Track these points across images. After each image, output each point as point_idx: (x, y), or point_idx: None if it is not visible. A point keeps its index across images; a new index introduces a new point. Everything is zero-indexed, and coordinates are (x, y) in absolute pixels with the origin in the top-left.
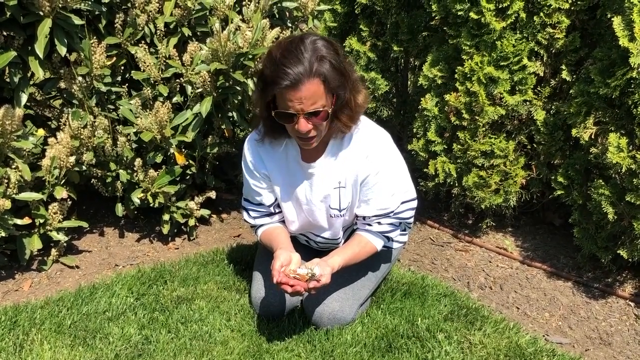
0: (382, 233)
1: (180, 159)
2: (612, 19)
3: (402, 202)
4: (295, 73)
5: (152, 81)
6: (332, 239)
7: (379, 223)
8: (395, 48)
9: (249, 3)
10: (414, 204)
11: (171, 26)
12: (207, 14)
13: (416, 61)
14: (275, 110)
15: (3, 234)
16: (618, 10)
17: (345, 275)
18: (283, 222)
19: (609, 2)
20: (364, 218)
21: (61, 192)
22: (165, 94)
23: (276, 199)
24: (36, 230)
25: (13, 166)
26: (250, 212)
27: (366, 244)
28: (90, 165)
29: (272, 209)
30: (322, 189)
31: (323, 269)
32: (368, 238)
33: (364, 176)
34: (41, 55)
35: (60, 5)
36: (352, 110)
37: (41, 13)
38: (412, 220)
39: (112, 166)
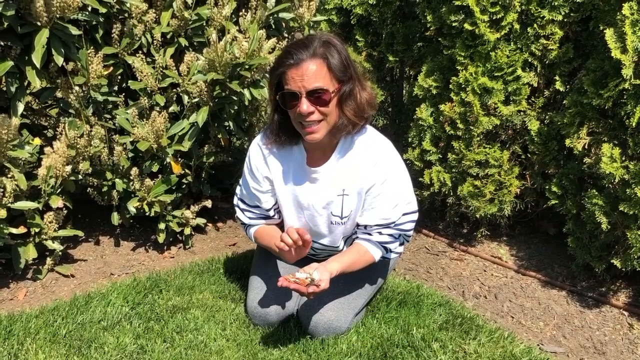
0: (381, 243)
1: (177, 168)
2: (605, 31)
3: (404, 214)
4: (299, 53)
5: (149, 91)
6: (331, 246)
7: (380, 233)
8: (390, 58)
9: (245, 14)
10: (415, 216)
11: (168, 36)
12: (204, 24)
13: (411, 71)
14: (280, 92)
15: None
16: (610, 23)
17: (341, 285)
18: (278, 225)
19: (601, 15)
20: (365, 227)
21: (57, 201)
22: (162, 104)
23: (275, 203)
24: (31, 239)
25: (9, 175)
26: (246, 213)
27: (365, 253)
28: (86, 174)
29: (270, 212)
30: (326, 195)
31: (322, 273)
32: (367, 247)
33: (370, 184)
34: (38, 65)
35: (57, 16)
36: (357, 104)
37: (38, 23)
38: (411, 232)
39: (108, 175)
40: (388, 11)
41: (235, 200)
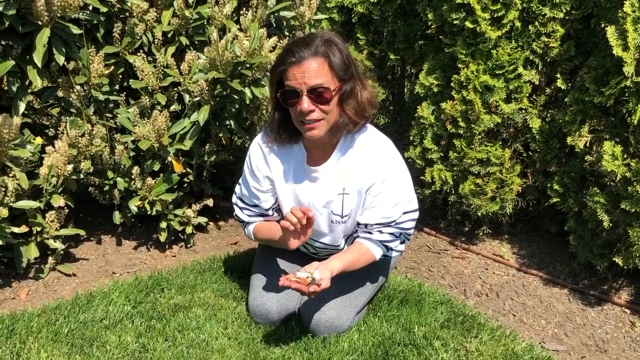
0: (382, 242)
1: (178, 167)
2: (606, 29)
3: (405, 213)
4: (301, 51)
5: (150, 90)
6: (332, 245)
7: (380, 232)
8: (391, 56)
9: (246, 12)
10: (416, 215)
11: (169, 35)
12: (205, 23)
13: (412, 69)
14: (281, 90)
15: (0, 242)
16: (612, 20)
17: (342, 283)
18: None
19: (602, 12)
20: (365, 226)
21: (58, 201)
22: (163, 103)
23: (276, 201)
24: (33, 239)
25: (10, 174)
26: (245, 212)
27: (365, 252)
28: (88, 173)
29: (269, 211)
30: (326, 194)
31: (323, 272)
32: (368, 246)
33: (370, 183)
34: (39, 64)
35: (58, 15)
36: (358, 103)
37: (39, 22)
38: (412, 231)
39: (110, 174)
40: (389, 9)
41: (234, 199)
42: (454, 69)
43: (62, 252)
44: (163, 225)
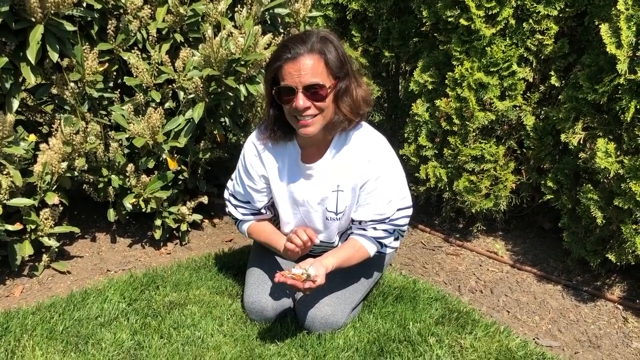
0: (376, 239)
1: (173, 165)
2: (600, 26)
3: (399, 209)
4: (297, 48)
5: (144, 87)
6: (326, 242)
7: (374, 228)
8: (386, 53)
9: (241, 9)
10: (410, 211)
11: (163, 32)
12: (199, 20)
13: (407, 66)
14: (276, 87)
15: None
16: (605, 18)
17: (338, 280)
18: (270, 220)
19: (596, 10)
20: (359, 222)
21: (53, 198)
22: (158, 100)
23: (269, 201)
24: (27, 236)
25: (4, 172)
26: (239, 209)
27: (360, 249)
28: (82, 170)
29: (262, 210)
30: (321, 191)
31: (318, 269)
32: (362, 242)
33: (364, 180)
34: (33, 61)
35: (52, 12)
36: (353, 101)
37: (33, 19)
38: (406, 228)
39: (104, 172)
40: (384, 6)
41: (227, 195)
42: (449, 66)
43: (56, 249)
44: (158, 222)
